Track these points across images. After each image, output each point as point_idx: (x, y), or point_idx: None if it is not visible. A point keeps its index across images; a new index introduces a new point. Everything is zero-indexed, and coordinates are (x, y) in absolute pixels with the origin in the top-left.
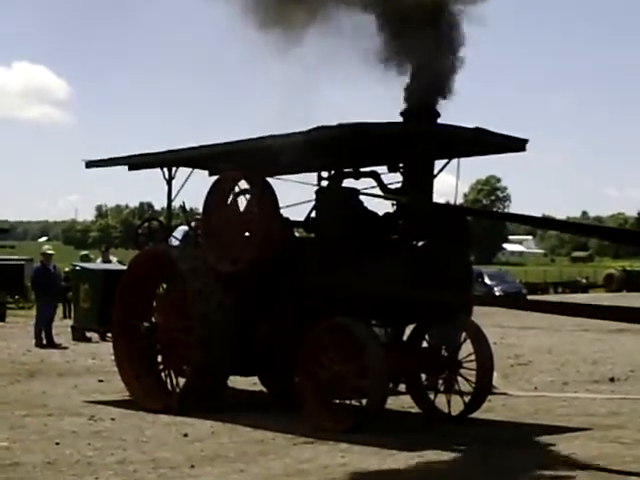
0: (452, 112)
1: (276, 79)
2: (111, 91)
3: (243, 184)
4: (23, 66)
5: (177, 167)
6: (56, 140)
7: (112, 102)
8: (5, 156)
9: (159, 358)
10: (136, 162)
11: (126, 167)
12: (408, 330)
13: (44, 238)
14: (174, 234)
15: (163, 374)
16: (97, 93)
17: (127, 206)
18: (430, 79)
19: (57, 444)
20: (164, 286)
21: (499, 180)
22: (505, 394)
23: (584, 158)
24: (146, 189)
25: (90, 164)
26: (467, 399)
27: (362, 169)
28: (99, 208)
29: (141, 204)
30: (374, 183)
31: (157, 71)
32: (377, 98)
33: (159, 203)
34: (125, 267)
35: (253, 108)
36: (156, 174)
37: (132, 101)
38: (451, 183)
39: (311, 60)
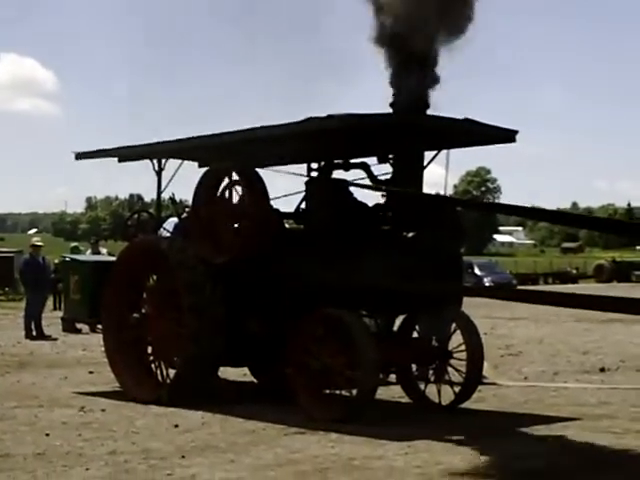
0: (441, 104)
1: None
2: (100, 83)
3: (233, 175)
4: (11, 58)
5: (167, 159)
6: (45, 132)
7: (101, 94)
8: None
9: (149, 349)
10: (126, 154)
11: (116, 159)
12: (398, 321)
13: (34, 230)
14: (164, 226)
15: (153, 365)
16: (86, 85)
17: (117, 198)
18: (419, 70)
19: (47, 435)
20: (154, 277)
21: (489, 171)
22: (495, 384)
23: (574, 150)
24: (136, 181)
25: (80, 156)
26: (457, 389)
27: (352, 160)
28: (89, 200)
29: (131, 196)
30: (364, 174)
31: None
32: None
33: (149, 195)
34: (115, 259)
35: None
36: (146, 165)
37: (121, 93)
38: (440, 174)
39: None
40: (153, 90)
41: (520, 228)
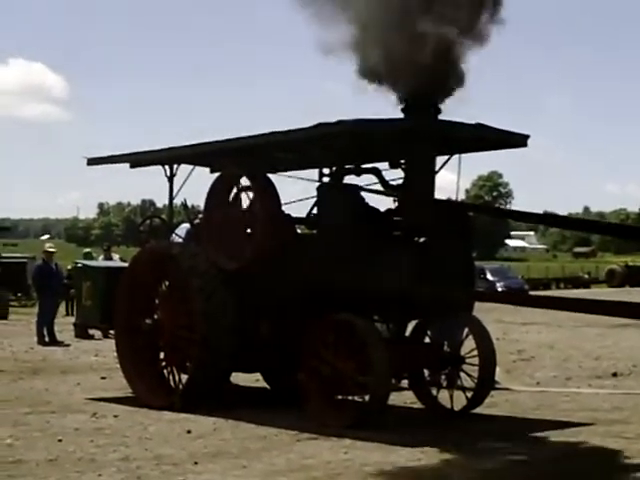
0: (453, 109)
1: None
2: (110, 88)
3: (244, 181)
4: (20, 63)
5: (178, 164)
6: (56, 138)
7: (111, 99)
8: (5, 154)
9: (162, 355)
10: (138, 159)
11: (127, 164)
12: (410, 326)
13: (46, 236)
14: (176, 231)
15: (166, 371)
16: (96, 90)
17: (129, 204)
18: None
19: (60, 441)
20: (166, 283)
21: (501, 176)
22: (508, 389)
23: (585, 154)
24: (148, 186)
25: (92, 161)
26: (470, 394)
27: (363, 165)
28: (101, 206)
29: (143, 201)
30: (375, 179)
31: (157, 67)
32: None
33: (161, 200)
34: (127, 264)
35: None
36: (158, 171)
37: (132, 99)
38: (452, 179)
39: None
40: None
41: (532, 233)
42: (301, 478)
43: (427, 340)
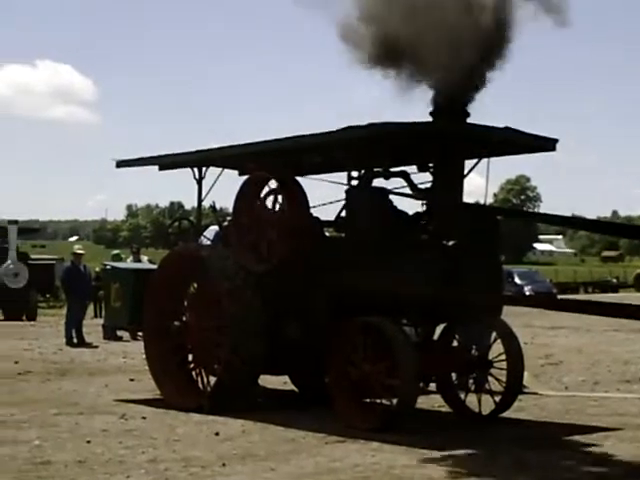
0: (480, 111)
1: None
2: (138, 91)
3: (273, 184)
4: (48, 65)
5: (207, 167)
6: (84, 140)
7: (139, 102)
8: (34, 156)
9: (190, 357)
10: (166, 162)
11: (156, 167)
12: (439, 329)
13: (74, 238)
14: (205, 234)
15: (194, 373)
16: (124, 92)
17: (157, 206)
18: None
19: (88, 442)
20: (195, 285)
21: (528, 180)
22: (536, 394)
23: (614, 158)
24: (176, 189)
25: (121, 164)
26: (498, 399)
27: (392, 169)
28: (129, 208)
29: (171, 204)
30: (404, 183)
31: (187, 71)
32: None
33: (189, 203)
34: (156, 266)
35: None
36: (186, 174)
37: (160, 101)
38: (479, 183)
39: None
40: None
41: (560, 237)
42: None
43: (455, 344)
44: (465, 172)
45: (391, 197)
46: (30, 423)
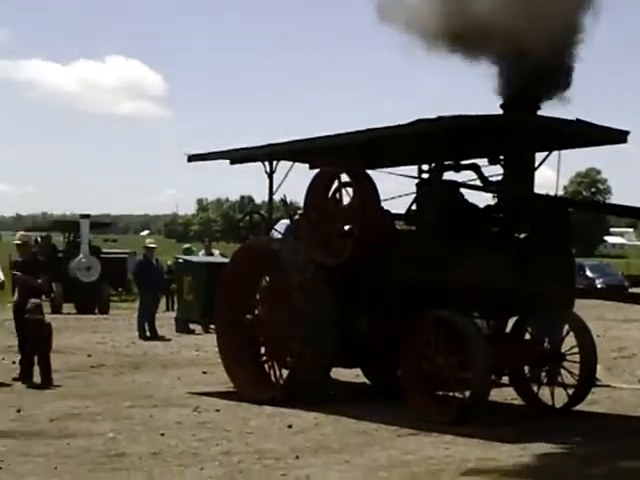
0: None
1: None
2: (207, 86)
3: (344, 177)
4: (117, 60)
5: (278, 161)
6: (154, 135)
7: (209, 96)
8: (104, 151)
9: (262, 350)
10: (237, 156)
11: (227, 161)
12: (510, 322)
13: (146, 232)
14: (276, 227)
15: (266, 365)
16: (193, 87)
17: (227, 199)
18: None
19: (162, 435)
20: (266, 279)
21: (599, 172)
22: (608, 386)
23: None
24: (246, 182)
25: (192, 158)
26: (570, 391)
27: (462, 161)
28: (200, 202)
29: (241, 197)
30: (474, 175)
31: (256, 65)
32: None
33: (259, 196)
34: (227, 260)
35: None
36: (257, 168)
37: (230, 96)
38: (549, 176)
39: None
40: (263, 92)
41: (631, 230)
42: (402, 473)
43: (527, 336)
44: (536, 165)
45: (462, 190)
46: (104, 416)
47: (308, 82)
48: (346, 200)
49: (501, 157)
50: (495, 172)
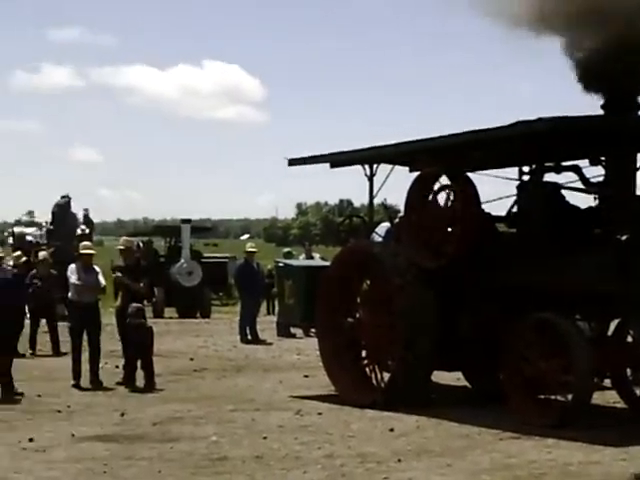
0: None
1: None
2: (305, 90)
3: (444, 180)
4: (216, 65)
5: (378, 164)
6: (253, 139)
7: (306, 101)
8: (204, 156)
9: (363, 353)
10: (338, 159)
11: (327, 165)
12: (612, 324)
13: (246, 236)
14: (376, 230)
15: (368, 369)
16: (291, 92)
17: (326, 203)
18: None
19: (264, 438)
20: (367, 282)
21: None
22: None
23: None
24: (345, 186)
25: (293, 162)
26: None
27: (563, 163)
28: (299, 206)
29: (340, 201)
30: (575, 177)
31: (352, 69)
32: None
33: (358, 200)
34: (327, 263)
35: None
36: (355, 171)
37: (327, 100)
38: None
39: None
40: (359, 96)
41: None
42: (505, 477)
43: (630, 339)
44: (638, 165)
45: (563, 191)
46: (207, 419)
47: (404, 86)
48: (447, 203)
49: (602, 158)
50: (597, 173)
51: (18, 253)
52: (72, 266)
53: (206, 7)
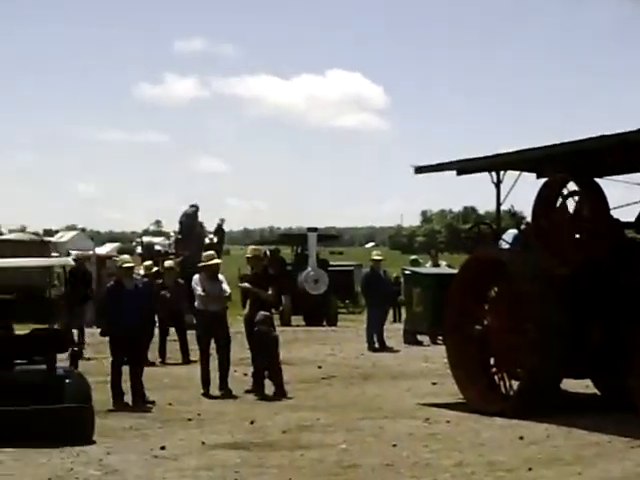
0: None
1: None
2: (429, 97)
3: (571, 186)
4: (338, 74)
5: (505, 170)
6: (376, 147)
7: (431, 108)
8: (328, 165)
9: (492, 361)
10: (465, 166)
11: (453, 172)
12: None
13: (371, 244)
14: (503, 237)
15: (496, 377)
16: (414, 99)
17: (451, 211)
18: None
19: (394, 446)
20: (495, 289)
21: None
22: None
23: None
24: (469, 193)
25: (419, 170)
26: None
27: None
28: (424, 213)
29: (465, 208)
30: None
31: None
32: None
33: (483, 207)
34: (454, 271)
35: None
36: (480, 178)
37: (450, 105)
38: None
39: None
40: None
41: None
42: None
43: None
44: None
45: None
46: (335, 427)
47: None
48: (575, 209)
49: None
50: None
51: (149, 263)
52: (196, 277)
53: (327, 17)
